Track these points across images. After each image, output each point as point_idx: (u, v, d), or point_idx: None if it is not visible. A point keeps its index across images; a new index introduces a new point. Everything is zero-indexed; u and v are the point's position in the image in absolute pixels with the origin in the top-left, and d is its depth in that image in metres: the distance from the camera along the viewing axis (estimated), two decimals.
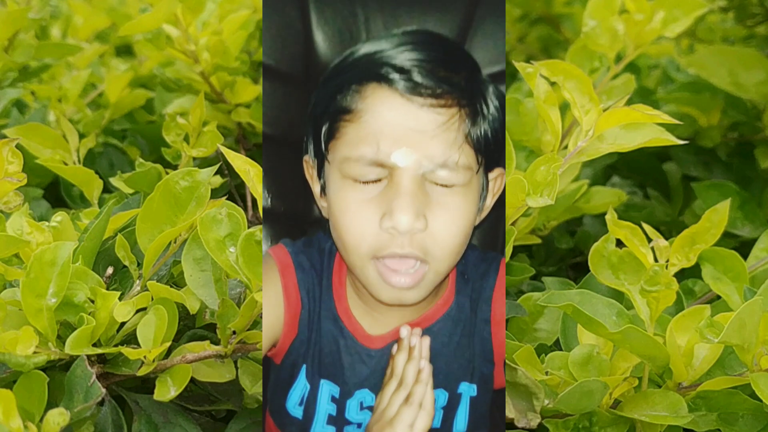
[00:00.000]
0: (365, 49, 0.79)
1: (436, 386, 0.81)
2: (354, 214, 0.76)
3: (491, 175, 0.81)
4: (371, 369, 0.82)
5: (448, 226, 0.76)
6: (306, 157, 0.83)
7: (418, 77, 0.75)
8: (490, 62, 0.91)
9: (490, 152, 0.79)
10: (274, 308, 0.80)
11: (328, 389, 0.82)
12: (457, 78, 0.77)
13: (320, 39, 0.93)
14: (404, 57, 0.76)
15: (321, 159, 0.80)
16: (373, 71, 0.76)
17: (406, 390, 0.75)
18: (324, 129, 0.78)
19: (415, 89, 0.75)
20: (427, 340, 0.77)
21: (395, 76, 0.76)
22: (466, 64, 0.80)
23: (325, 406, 0.82)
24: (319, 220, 0.95)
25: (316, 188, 0.82)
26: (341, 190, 0.77)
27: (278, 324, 0.80)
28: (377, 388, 0.80)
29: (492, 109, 0.79)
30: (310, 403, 0.82)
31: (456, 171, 0.76)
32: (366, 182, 0.76)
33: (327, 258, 0.83)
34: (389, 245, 0.76)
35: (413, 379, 0.75)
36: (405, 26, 0.91)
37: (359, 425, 0.82)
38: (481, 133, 0.77)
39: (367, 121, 0.76)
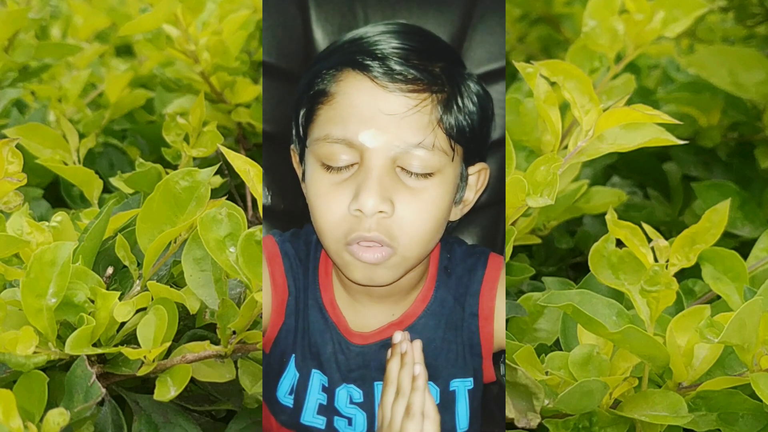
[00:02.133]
0: (348, 36, 0.81)
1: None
2: (326, 197, 0.77)
3: (472, 170, 0.81)
4: (354, 364, 0.82)
5: (417, 213, 0.77)
6: (292, 146, 0.84)
7: (392, 64, 0.77)
8: (490, 59, 0.90)
9: (467, 144, 0.79)
10: (263, 296, 0.80)
11: (318, 378, 0.82)
12: (431, 66, 0.78)
13: (320, 36, 0.93)
14: (382, 45, 0.78)
15: (302, 144, 0.81)
16: (351, 57, 0.78)
17: (405, 398, 0.75)
18: (302, 113, 0.80)
19: (387, 75, 0.76)
20: (418, 344, 0.77)
21: (370, 62, 0.77)
22: (445, 57, 0.80)
23: (315, 396, 0.82)
24: None
25: (300, 174, 0.83)
26: (315, 174, 0.78)
27: (266, 312, 0.81)
28: (361, 383, 0.81)
29: (468, 102, 0.79)
30: (300, 392, 0.82)
31: (433, 153, 0.77)
32: (338, 168, 0.77)
33: (314, 249, 0.84)
34: (356, 228, 0.76)
35: (410, 386, 0.75)
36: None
37: (350, 421, 0.82)
38: (454, 121, 0.78)
39: (338, 102, 0.77)
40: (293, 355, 0.82)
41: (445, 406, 0.82)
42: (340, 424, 0.82)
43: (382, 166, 0.76)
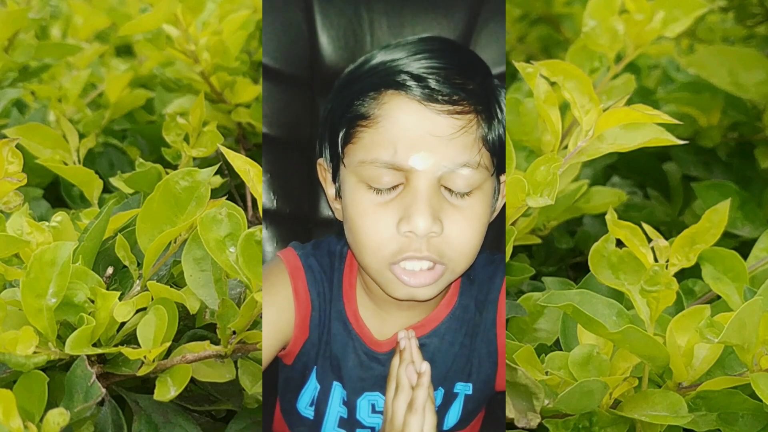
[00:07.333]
0: (381, 57, 0.80)
1: (435, 386, 0.81)
2: (371, 218, 0.77)
3: (502, 178, 0.82)
4: (379, 372, 0.82)
5: (464, 230, 0.77)
6: (321, 161, 0.84)
7: (434, 84, 0.76)
8: (492, 64, 0.90)
9: (502, 155, 0.80)
10: (285, 311, 0.81)
11: (339, 391, 0.82)
12: (472, 84, 0.78)
13: (325, 41, 0.93)
14: (420, 65, 0.78)
15: (336, 163, 0.81)
16: (391, 78, 0.78)
17: (405, 393, 0.75)
18: (341, 134, 0.79)
19: (431, 96, 0.76)
20: (415, 341, 0.77)
21: (412, 83, 0.77)
22: (480, 70, 0.80)
23: (336, 408, 0.82)
24: (326, 221, 0.95)
25: (330, 191, 0.83)
26: (357, 194, 0.78)
27: (288, 326, 0.81)
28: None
29: (503, 114, 0.80)
30: (320, 404, 0.82)
31: (477, 171, 0.77)
32: (384, 189, 0.77)
33: (338, 260, 0.84)
34: (407, 249, 0.76)
35: (408, 382, 0.76)
36: (410, 29, 0.91)
37: (372, 430, 0.82)
38: (495, 136, 0.79)
39: (384, 126, 0.77)
40: (315, 367, 0.83)
41: (444, 407, 0.83)
42: None
43: (429, 186, 0.76)
